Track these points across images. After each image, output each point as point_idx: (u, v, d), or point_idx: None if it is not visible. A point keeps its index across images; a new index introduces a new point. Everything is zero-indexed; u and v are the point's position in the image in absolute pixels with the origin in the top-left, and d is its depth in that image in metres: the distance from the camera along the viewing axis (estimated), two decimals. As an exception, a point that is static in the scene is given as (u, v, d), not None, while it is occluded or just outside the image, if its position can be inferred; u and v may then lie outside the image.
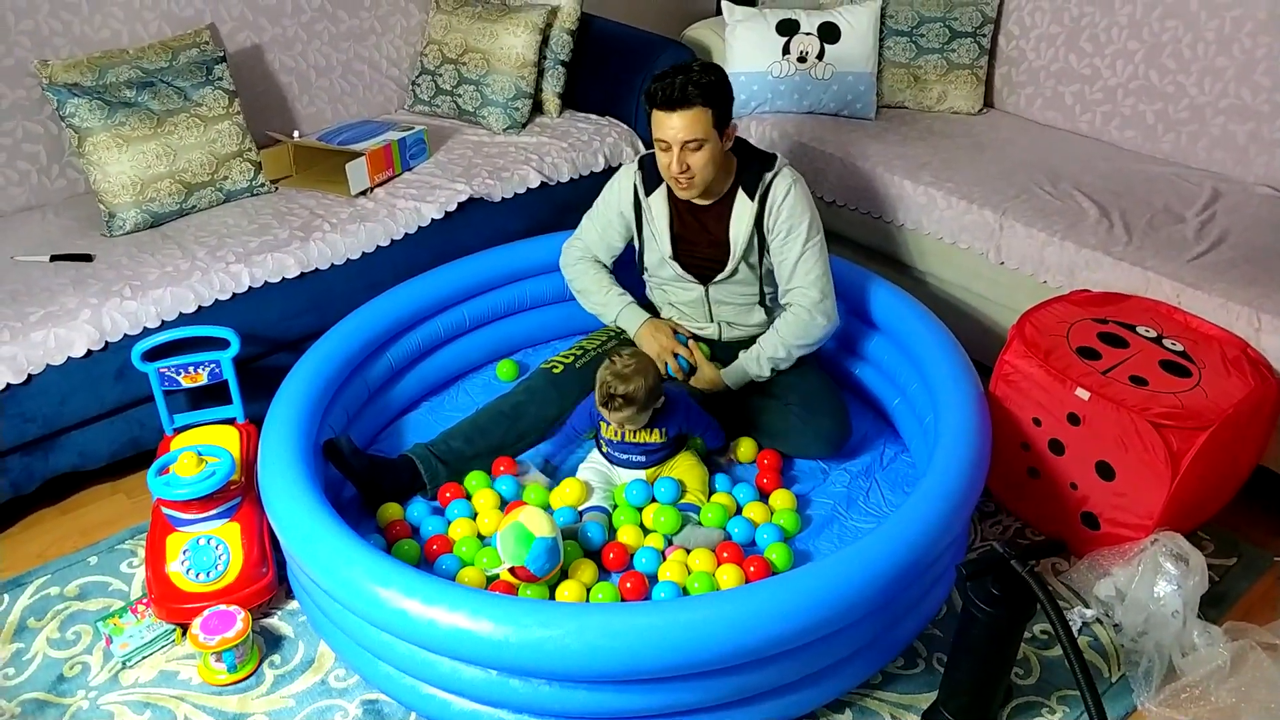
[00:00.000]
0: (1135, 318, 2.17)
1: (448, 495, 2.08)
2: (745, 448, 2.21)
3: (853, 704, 1.81)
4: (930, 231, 2.66)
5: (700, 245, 2.19)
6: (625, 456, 2.08)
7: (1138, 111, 2.84)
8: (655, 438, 2.05)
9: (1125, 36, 2.82)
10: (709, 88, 1.99)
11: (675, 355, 2.23)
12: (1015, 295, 2.47)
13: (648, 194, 2.20)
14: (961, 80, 3.05)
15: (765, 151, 2.18)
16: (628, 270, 2.38)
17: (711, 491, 2.11)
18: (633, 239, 2.29)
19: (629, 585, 1.86)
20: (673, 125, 1.99)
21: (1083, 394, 1.97)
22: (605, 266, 2.36)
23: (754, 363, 2.20)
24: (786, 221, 2.12)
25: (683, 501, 2.05)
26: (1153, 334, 2.11)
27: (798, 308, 2.16)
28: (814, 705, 1.75)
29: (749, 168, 2.14)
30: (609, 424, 2.04)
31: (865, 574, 1.63)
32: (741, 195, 2.13)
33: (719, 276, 2.20)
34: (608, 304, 2.32)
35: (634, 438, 2.05)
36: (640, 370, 1.99)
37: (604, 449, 2.11)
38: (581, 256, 2.36)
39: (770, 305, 2.27)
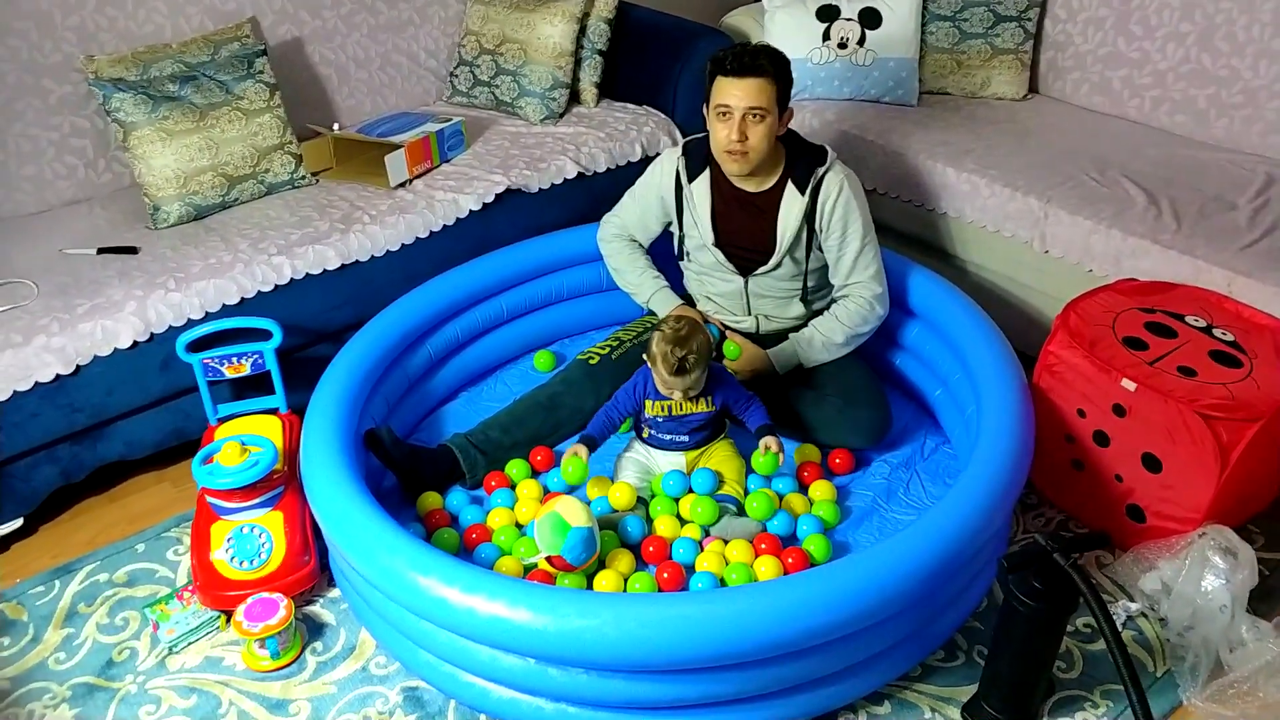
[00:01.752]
0: (1184, 307, 2.12)
1: (492, 484, 2.09)
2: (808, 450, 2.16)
3: (892, 696, 1.79)
4: (973, 219, 2.62)
5: (743, 236, 2.18)
6: (669, 437, 2.06)
7: (1189, 96, 2.77)
8: (703, 407, 2.04)
9: (1177, 19, 2.75)
10: (778, 62, 2.03)
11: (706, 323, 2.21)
12: (1060, 284, 2.43)
13: (690, 180, 2.19)
14: (1006, 65, 3.00)
15: (815, 144, 2.16)
16: (667, 261, 2.37)
17: (749, 484, 2.10)
18: (671, 224, 2.28)
19: (666, 575, 1.85)
20: (739, 90, 2.00)
21: (1129, 385, 1.93)
22: (641, 247, 2.35)
23: (807, 346, 2.19)
24: (841, 220, 2.11)
25: (720, 493, 2.04)
26: (1202, 323, 2.06)
27: (858, 298, 2.17)
28: (853, 697, 1.74)
29: (799, 160, 2.13)
30: (656, 401, 2.03)
31: (906, 567, 1.61)
32: (791, 188, 2.11)
33: (761, 269, 2.18)
34: (642, 285, 2.31)
35: (682, 410, 2.04)
36: (693, 328, 2.00)
37: (646, 434, 2.10)
38: (618, 234, 2.36)
39: (810, 299, 2.25)
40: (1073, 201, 2.45)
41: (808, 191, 2.10)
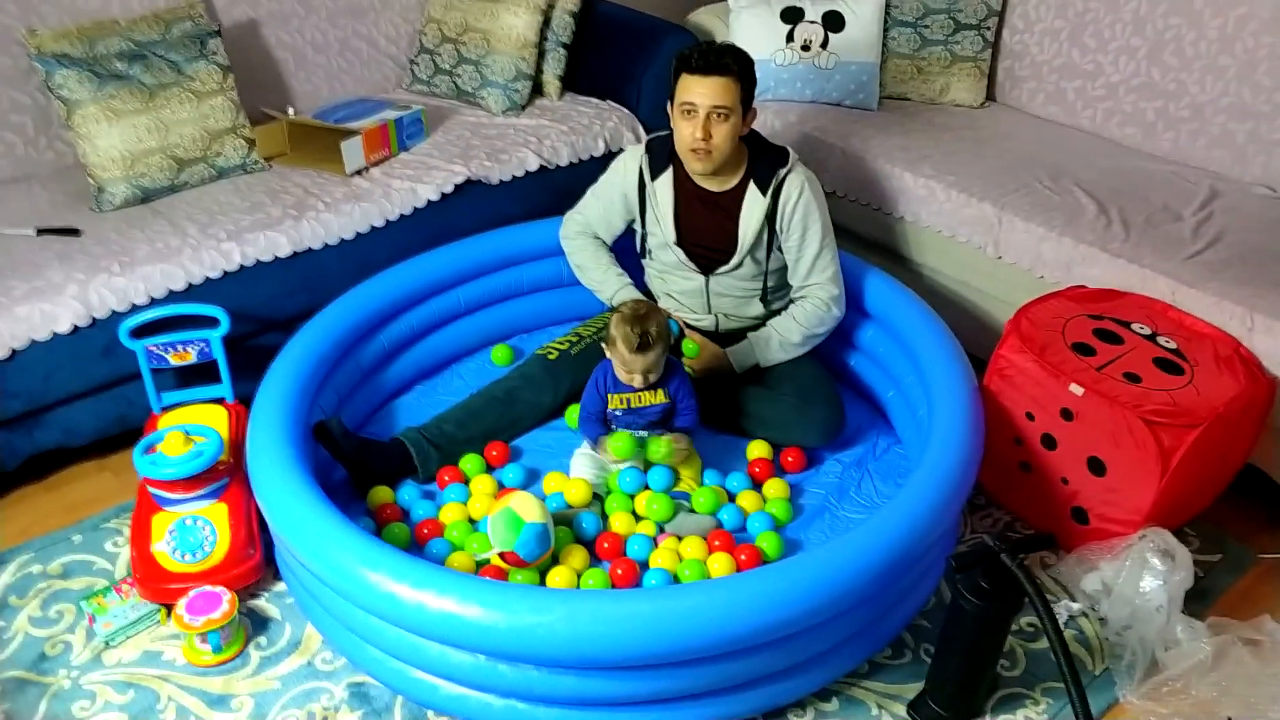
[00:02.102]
0: (1130, 314, 2.17)
1: (445, 479, 2.07)
2: (758, 448, 2.17)
3: (839, 693, 1.81)
4: (929, 224, 2.65)
5: (705, 235, 2.18)
6: (634, 422, 2.06)
7: (1138, 108, 2.84)
8: (661, 398, 2.05)
9: (1128, 33, 2.81)
10: (743, 61, 2.04)
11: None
12: (1012, 290, 2.47)
13: (654, 178, 2.18)
14: (964, 73, 3.04)
15: (777, 145, 2.17)
16: (629, 257, 2.36)
17: (704, 481, 2.10)
18: (634, 221, 2.28)
19: (620, 572, 1.85)
20: (705, 89, 2.00)
21: (1077, 390, 1.96)
22: (604, 244, 2.35)
23: (764, 345, 2.20)
24: (802, 221, 2.12)
25: (676, 489, 2.04)
26: (1147, 331, 2.11)
27: (816, 299, 2.19)
28: (801, 694, 1.76)
29: (761, 161, 2.13)
30: (616, 394, 2.03)
31: (856, 565, 1.62)
32: (753, 189, 2.12)
33: (722, 268, 2.19)
34: (605, 282, 2.30)
35: (640, 402, 2.04)
36: (651, 307, 2.03)
37: (609, 427, 2.10)
38: (581, 231, 2.35)
39: (769, 300, 2.26)
40: (1026, 209, 2.49)
41: (769, 192, 2.11)
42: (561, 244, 2.39)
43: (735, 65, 2.01)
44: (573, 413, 2.17)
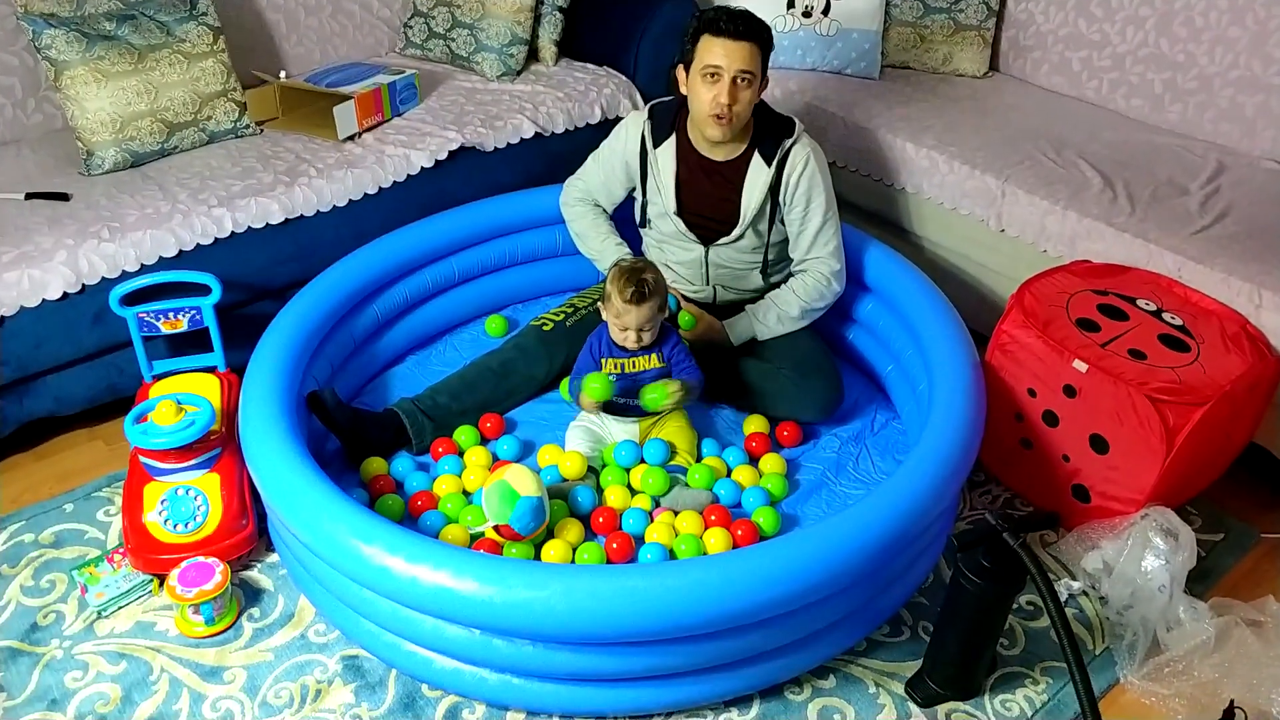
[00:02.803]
0: (1136, 290, 2.14)
1: (440, 450, 2.05)
2: (755, 423, 2.15)
3: (837, 670, 1.80)
4: (931, 196, 2.61)
5: (707, 205, 2.14)
6: (622, 400, 2.03)
7: (1145, 80, 2.79)
8: (655, 362, 2.03)
9: (1137, 2, 2.76)
10: (765, 27, 2.02)
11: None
12: (1015, 264, 2.44)
13: (656, 145, 2.14)
14: (968, 41, 2.99)
15: (782, 115, 2.13)
16: (628, 227, 2.32)
17: (700, 455, 2.08)
18: (634, 189, 2.24)
19: (615, 546, 1.83)
20: (732, 53, 1.97)
21: (1080, 366, 1.94)
22: (605, 212, 2.31)
23: (763, 318, 2.17)
24: (805, 194, 2.09)
25: (672, 463, 2.02)
26: (1153, 307, 2.09)
27: (816, 274, 2.15)
28: (799, 671, 1.75)
29: (767, 131, 2.10)
30: (610, 358, 2.01)
31: (855, 542, 1.61)
32: (757, 159, 2.08)
33: (723, 240, 2.15)
34: (604, 251, 2.27)
35: (635, 368, 2.02)
36: (647, 262, 2.02)
37: None
38: (582, 198, 2.31)
39: (769, 272, 2.23)
40: (1030, 181, 2.46)
41: (774, 163, 2.07)
42: (561, 210, 2.35)
43: (760, 31, 1.99)
44: (566, 385, 2.14)
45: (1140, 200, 2.39)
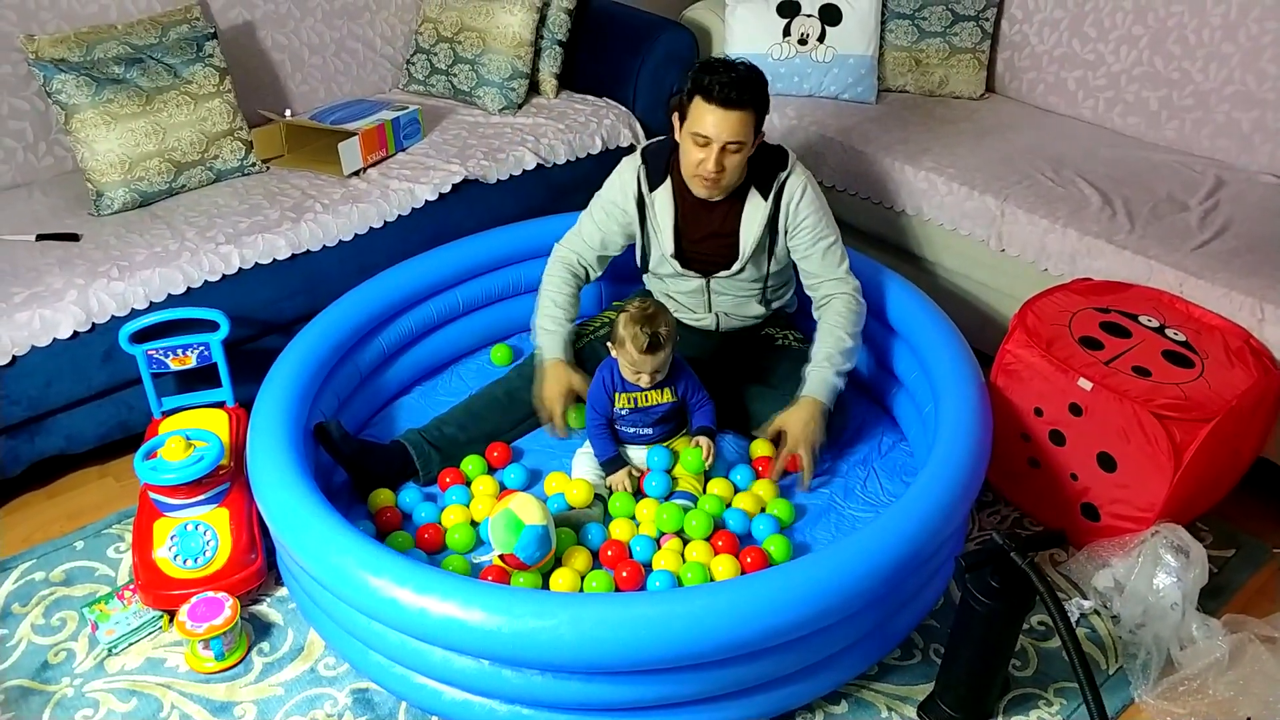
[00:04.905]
0: (1138, 307, 2.14)
1: (447, 481, 2.06)
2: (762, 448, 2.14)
3: (849, 695, 1.79)
4: (931, 218, 2.63)
5: (705, 245, 2.14)
6: (634, 430, 2.05)
7: (1141, 98, 2.81)
8: (668, 397, 2.03)
9: (1130, 21, 2.79)
10: (761, 91, 1.96)
11: (562, 413, 2.09)
12: (1016, 283, 2.45)
13: (652, 189, 2.13)
14: (964, 64, 3.02)
15: (775, 146, 2.13)
16: (625, 259, 2.34)
17: (707, 479, 2.08)
18: (634, 237, 2.22)
19: (624, 574, 1.83)
20: (722, 122, 1.92)
21: (1085, 384, 1.94)
22: (578, 285, 2.23)
23: (831, 372, 2.05)
24: (807, 221, 2.09)
25: (678, 490, 2.02)
26: (1155, 324, 2.09)
27: (843, 297, 2.11)
28: (811, 697, 1.74)
29: (762, 165, 2.09)
30: (623, 393, 2.02)
31: (864, 566, 1.60)
32: (754, 194, 2.08)
33: (724, 274, 2.16)
34: (541, 329, 2.16)
35: (647, 401, 2.02)
36: (658, 307, 1.99)
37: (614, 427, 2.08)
38: (562, 259, 2.22)
39: (770, 299, 2.23)
40: (1029, 201, 2.47)
41: (770, 196, 2.08)
42: (547, 264, 2.25)
43: (753, 97, 1.93)
44: (575, 414, 2.15)
45: (1140, 217, 2.40)
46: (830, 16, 2.95)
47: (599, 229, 2.20)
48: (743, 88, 1.92)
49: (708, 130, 1.94)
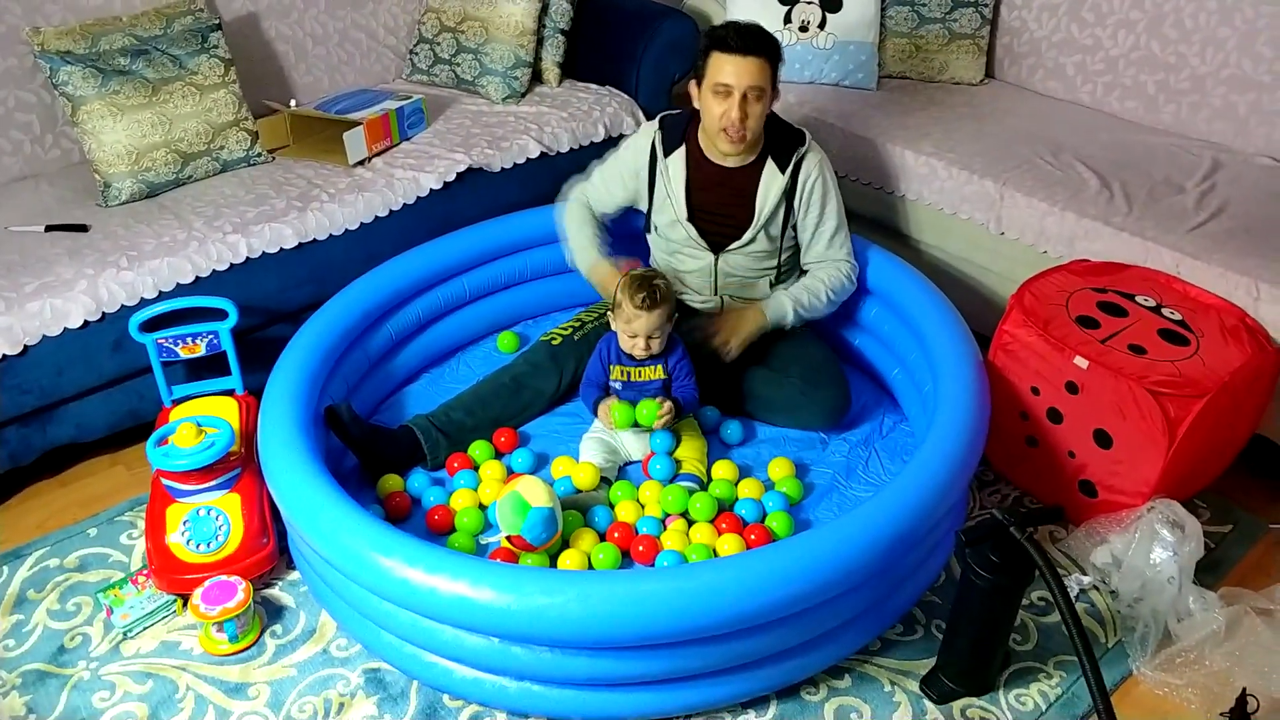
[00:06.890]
0: (1134, 287, 2.17)
1: (455, 465, 2.08)
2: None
3: (851, 670, 1.82)
4: (931, 202, 2.65)
5: (718, 210, 2.18)
6: (633, 397, 2.07)
7: (1139, 82, 2.83)
8: (659, 373, 2.07)
9: (1127, 6, 2.80)
10: (774, 42, 2.05)
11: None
12: (1015, 266, 2.47)
13: (666, 154, 2.18)
14: (963, 50, 3.03)
15: (793, 125, 2.17)
16: (636, 243, 2.36)
17: (710, 462, 2.11)
18: (637, 202, 2.27)
19: (641, 549, 1.86)
20: (741, 69, 2.00)
21: (1081, 362, 1.97)
22: (596, 218, 2.33)
23: (795, 296, 2.17)
24: (820, 200, 2.14)
25: (682, 473, 2.05)
26: (1151, 303, 2.11)
27: (834, 268, 2.21)
28: (813, 671, 1.77)
29: (779, 139, 2.14)
30: (618, 365, 2.05)
31: (865, 540, 1.63)
32: (771, 165, 2.13)
33: (734, 245, 2.19)
34: (583, 252, 2.27)
35: (640, 376, 2.06)
36: (656, 271, 2.07)
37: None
38: (579, 197, 2.35)
39: (781, 281, 2.26)
40: (1028, 184, 2.49)
41: (788, 170, 2.11)
42: (558, 201, 2.37)
43: (770, 46, 2.03)
44: (619, 410, 2.14)
45: (1137, 199, 2.42)
46: (831, 3, 2.96)
47: (604, 186, 2.30)
48: (756, 36, 2.01)
49: (728, 78, 2.00)
